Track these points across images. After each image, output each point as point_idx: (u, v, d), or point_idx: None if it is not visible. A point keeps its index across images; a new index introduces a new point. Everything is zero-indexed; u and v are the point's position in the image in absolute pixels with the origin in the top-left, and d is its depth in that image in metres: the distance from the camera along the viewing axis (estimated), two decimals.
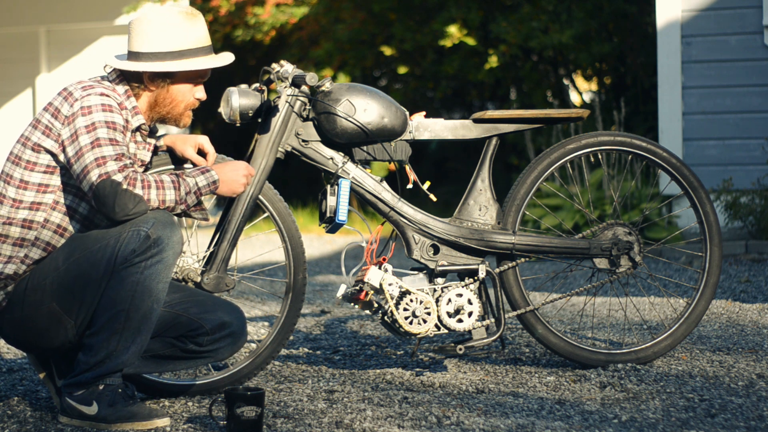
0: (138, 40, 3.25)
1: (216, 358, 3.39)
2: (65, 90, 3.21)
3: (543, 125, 3.85)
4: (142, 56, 3.24)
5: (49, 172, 3.18)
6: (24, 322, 3.18)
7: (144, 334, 3.15)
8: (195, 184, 3.20)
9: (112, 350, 3.12)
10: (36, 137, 3.18)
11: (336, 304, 5.58)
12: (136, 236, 3.09)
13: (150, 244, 3.09)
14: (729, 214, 7.15)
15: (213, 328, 3.33)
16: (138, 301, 3.11)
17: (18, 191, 3.18)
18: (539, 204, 4.66)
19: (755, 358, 3.93)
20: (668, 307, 5.06)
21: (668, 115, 7.87)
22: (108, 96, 3.17)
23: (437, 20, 10.49)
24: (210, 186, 3.23)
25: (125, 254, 3.09)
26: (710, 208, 3.89)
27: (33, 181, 3.18)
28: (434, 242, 3.69)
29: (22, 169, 3.18)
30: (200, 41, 3.29)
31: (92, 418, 3.13)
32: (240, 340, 3.39)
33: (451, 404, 3.37)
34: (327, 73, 11.01)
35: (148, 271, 3.11)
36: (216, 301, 3.39)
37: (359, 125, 3.59)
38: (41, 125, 3.18)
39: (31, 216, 3.17)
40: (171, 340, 3.32)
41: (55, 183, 3.19)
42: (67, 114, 3.15)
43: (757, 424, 3.10)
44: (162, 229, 3.11)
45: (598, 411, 3.26)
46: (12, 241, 3.17)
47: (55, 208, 3.19)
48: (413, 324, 3.59)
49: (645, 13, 9.91)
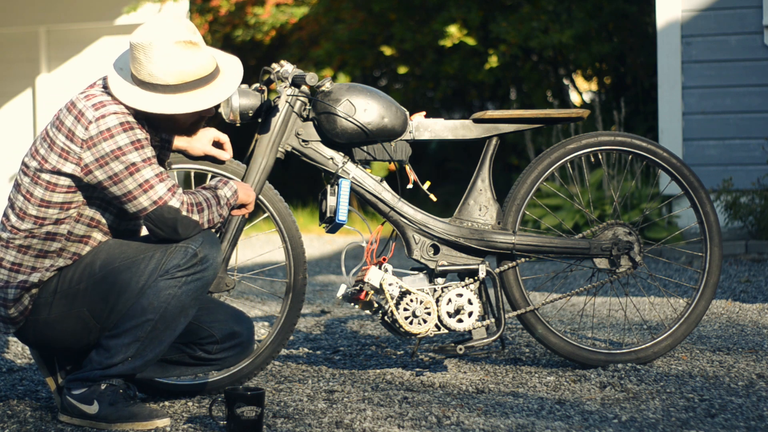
0: (137, 68, 3.12)
1: (223, 365, 3.40)
2: (74, 107, 3.10)
3: (543, 125, 3.85)
4: (142, 84, 3.12)
5: (72, 192, 3.12)
6: (49, 325, 3.17)
7: (163, 347, 3.15)
8: (225, 196, 3.22)
9: (129, 356, 3.11)
10: (53, 160, 3.09)
11: (336, 304, 5.58)
12: (183, 252, 3.10)
13: (196, 261, 3.11)
14: (729, 214, 7.15)
15: (223, 338, 3.34)
16: (169, 315, 3.11)
17: (40, 209, 3.12)
18: (539, 204, 4.66)
19: (755, 358, 3.93)
20: (668, 307, 5.06)
21: (668, 115, 7.87)
22: (122, 114, 3.08)
23: (437, 20, 10.49)
24: (234, 196, 3.25)
25: (168, 267, 3.10)
26: (710, 208, 3.89)
27: (55, 200, 3.12)
28: (434, 242, 3.69)
29: (43, 190, 3.11)
30: (201, 71, 3.14)
31: (93, 418, 3.12)
32: (248, 350, 3.40)
33: (451, 404, 3.37)
34: (327, 73, 11.01)
35: (187, 286, 3.11)
36: (226, 309, 3.39)
37: (359, 125, 3.60)
38: (57, 147, 3.09)
39: (54, 229, 3.14)
40: (180, 345, 3.32)
41: (78, 199, 3.14)
42: (84, 137, 3.06)
43: (757, 424, 3.10)
44: (209, 249, 3.13)
45: (598, 411, 3.26)
46: (35, 252, 3.14)
47: (79, 220, 3.16)
48: (413, 324, 3.59)
49: (645, 13, 9.92)
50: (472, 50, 10.75)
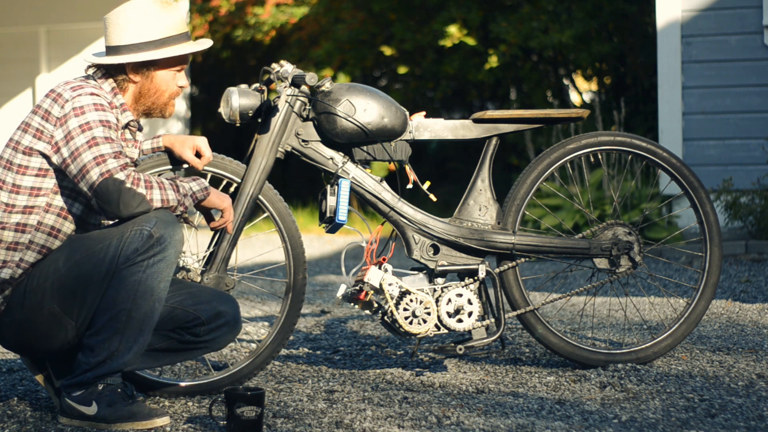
0: (116, 34, 3.28)
1: (212, 347, 3.39)
2: (53, 92, 3.22)
3: (543, 125, 3.85)
4: (122, 49, 3.27)
5: (41, 175, 3.18)
6: (23, 325, 3.17)
7: (146, 334, 3.15)
8: (190, 188, 3.23)
9: (113, 350, 3.12)
10: (27, 141, 3.18)
11: (336, 304, 5.58)
12: (139, 235, 3.10)
13: (153, 242, 3.10)
14: (729, 214, 7.15)
15: (209, 318, 3.34)
16: (140, 300, 3.11)
17: (10, 195, 3.18)
18: (539, 204, 4.65)
19: (755, 358, 3.93)
20: (668, 307, 5.06)
21: (668, 115, 7.87)
22: (98, 95, 3.19)
23: (437, 20, 10.49)
24: (203, 191, 3.27)
25: (128, 253, 3.09)
26: (710, 208, 3.89)
27: (25, 184, 3.18)
28: (434, 242, 3.69)
29: (14, 174, 3.18)
30: (178, 28, 3.31)
31: (92, 418, 3.13)
32: (236, 329, 3.40)
33: (451, 404, 3.37)
34: (327, 73, 11.01)
35: (150, 269, 3.11)
36: (208, 291, 3.41)
37: (359, 125, 3.59)
38: (31, 128, 3.19)
39: (24, 219, 3.17)
40: (167, 332, 3.32)
41: (48, 186, 3.19)
42: (59, 115, 3.15)
43: (757, 424, 3.10)
44: (164, 228, 3.12)
45: (598, 411, 3.26)
46: (5, 245, 3.17)
47: (48, 210, 3.19)
48: (413, 324, 3.59)
49: (645, 13, 9.92)
50: (472, 50, 10.76)
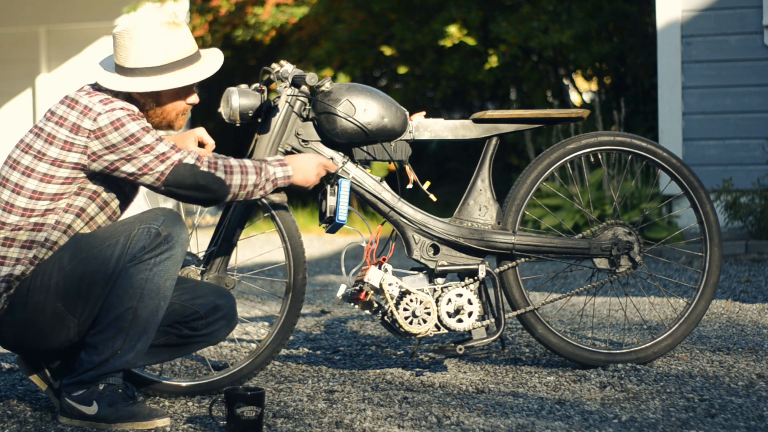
0: (122, 56, 3.23)
1: (210, 341, 3.40)
2: (76, 103, 3.17)
3: (543, 125, 3.85)
4: (128, 72, 3.22)
5: (68, 183, 3.15)
6: (26, 324, 3.17)
7: (150, 333, 3.15)
8: (274, 174, 3.29)
9: (117, 349, 3.12)
10: (54, 153, 3.13)
11: (336, 304, 5.58)
12: (146, 233, 3.10)
13: (160, 241, 3.11)
14: (729, 214, 7.15)
15: (207, 312, 3.34)
16: (146, 299, 3.11)
17: (30, 201, 3.14)
18: (539, 204, 4.66)
19: (755, 358, 3.93)
20: (668, 307, 5.06)
21: (668, 115, 7.87)
22: (128, 108, 3.16)
23: (437, 20, 10.49)
24: (285, 179, 3.33)
25: (134, 251, 3.10)
26: (710, 208, 3.89)
27: (49, 191, 3.14)
28: (434, 242, 3.69)
29: (37, 181, 3.13)
30: (185, 50, 3.26)
31: (92, 418, 3.12)
32: (233, 321, 3.41)
33: (451, 404, 3.37)
34: (327, 73, 11.01)
35: (157, 267, 3.12)
36: (204, 285, 3.41)
37: (359, 125, 3.60)
38: (58, 141, 3.13)
39: (42, 220, 3.15)
40: (165, 328, 3.32)
41: (71, 190, 3.16)
42: (92, 128, 3.11)
43: (757, 424, 3.10)
44: (172, 226, 3.13)
45: (598, 411, 3.26)
46: (20, 243, 3.14)
47: (67, 210, 3.17)
48: (413, 324, 3.59)
49: (645, 13, 9.91)
50: (472, 50, 10.75)
